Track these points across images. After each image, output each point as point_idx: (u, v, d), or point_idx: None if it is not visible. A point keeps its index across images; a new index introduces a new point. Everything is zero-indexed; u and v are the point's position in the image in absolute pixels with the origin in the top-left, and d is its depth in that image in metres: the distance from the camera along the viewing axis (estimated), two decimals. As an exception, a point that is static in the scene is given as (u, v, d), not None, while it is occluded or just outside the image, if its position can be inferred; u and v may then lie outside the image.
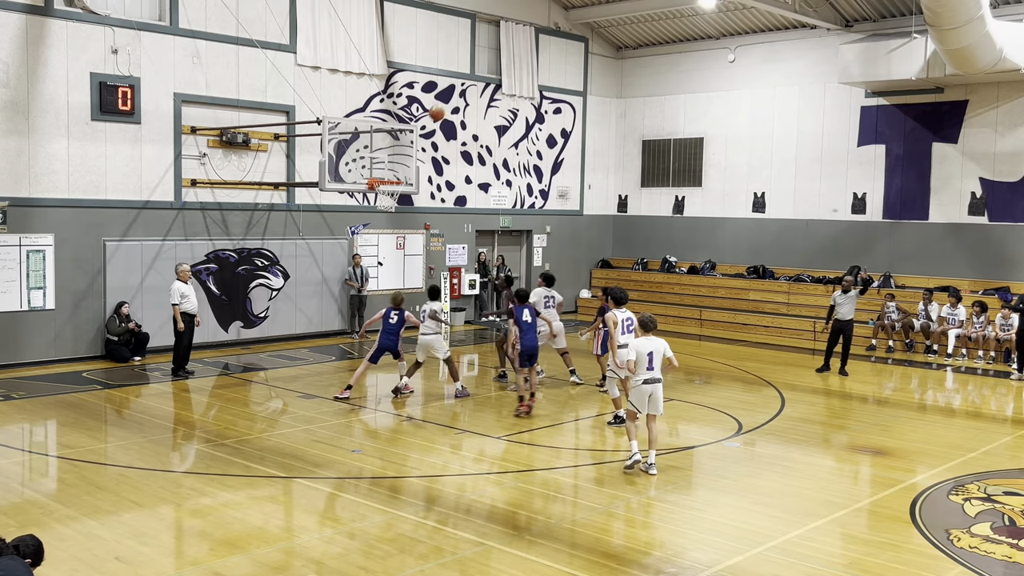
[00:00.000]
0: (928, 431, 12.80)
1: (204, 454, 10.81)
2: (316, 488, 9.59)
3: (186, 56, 17.45)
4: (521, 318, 13.25)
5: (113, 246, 16.76)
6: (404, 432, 12.20)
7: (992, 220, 20.20)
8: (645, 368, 10.28)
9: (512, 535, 8.23)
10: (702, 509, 9.24)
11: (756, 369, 17.33)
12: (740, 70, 23.98)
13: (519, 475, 10.14)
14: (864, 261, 21.79)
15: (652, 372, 10.30)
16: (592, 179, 26.06)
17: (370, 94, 20.47)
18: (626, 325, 11.88)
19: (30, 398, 13.58)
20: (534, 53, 23.82)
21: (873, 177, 21.80)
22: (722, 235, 24.40)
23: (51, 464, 10.60)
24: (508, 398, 14.32)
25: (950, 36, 16.42)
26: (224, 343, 18.23)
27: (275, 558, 7.61)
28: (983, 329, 18.57)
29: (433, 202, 22.05)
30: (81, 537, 7.99)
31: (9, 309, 15.69)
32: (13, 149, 15.60)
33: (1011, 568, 7.78)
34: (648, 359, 10.29)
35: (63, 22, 15.97)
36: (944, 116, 20.72)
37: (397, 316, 14.04)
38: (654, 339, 10.43)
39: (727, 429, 12.45)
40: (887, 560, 7.85)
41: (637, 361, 10.26)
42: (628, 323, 11.90)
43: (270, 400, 14.09)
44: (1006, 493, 9.75)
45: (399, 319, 14.02)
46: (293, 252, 19.27)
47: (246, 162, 18.47)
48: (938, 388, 16.14)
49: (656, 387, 10.31)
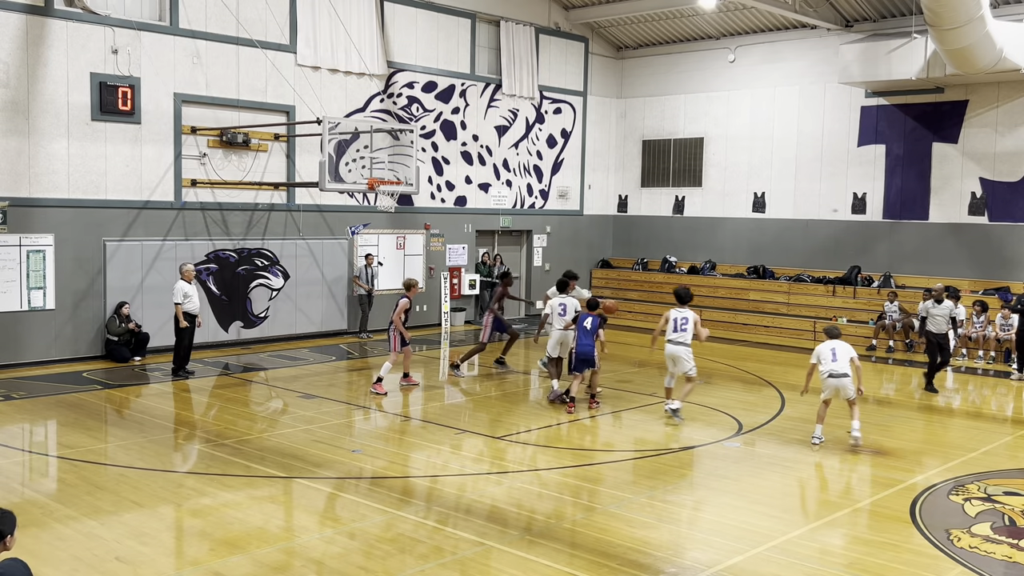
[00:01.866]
0: (928, 431, 12.80)
1: (204, 454, 10.81)
2: (316, 488, 9.59)
3: (186, 56, 17.45)
4: (581, 324, 13.38)
5: (113, 246, 16.76)
6: (403, 432, 12.21)
7: (992, 220, 20.21)
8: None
9: (512, 535, 8.23)
10: (702, 509, 9.24)
11: (756, 369, 17.33)
12: (740, 70, 23.98)
13: (519, 475, 10.14)
14: (864, 261, 21.81)
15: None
16: (592, 179, 26.07)
17: (370, 94, 20.47)
18: (679, 324, 12.59)
19: (30, 398, 13.58)
20: (534, 53, 23.82)
21: (873, 177, 21.81)
22: (722, 235, 24.40)
23: (51, 464, 10.60)
24: (509, 398, 14.33)
25: (950, 36, 16.42)
26: (224, 343, 18.23)
27: (275, 558, 7.61)
28: (983, 329, 18.58)
29: (433, 202, 22.06)
30: (81, 537, 8.00)
31: (9, 309, 15.69)
32: (13, 149, 15.60)
33: (1011, 568, 7.78)
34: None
35: (63, 22, 15.97)
36: (944, 116, 20.72)
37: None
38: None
39: (727, 429, 12.46)
40: (887, 560, 7.85)
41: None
42: (682, 322, 12.58)
43: (270, 400, 14.10)
44: (1006, 493, 9.75)
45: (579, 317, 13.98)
46: (293, 252, 19.27)
47: (246, 162, 18.47)
48: (938, 388, 16.12)
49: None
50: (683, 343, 12.59)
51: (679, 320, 12.62)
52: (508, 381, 15.89)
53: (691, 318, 12.61)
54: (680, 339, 12.59)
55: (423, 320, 21.79)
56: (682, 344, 12.60)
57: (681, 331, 12.57)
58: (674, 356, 12.70)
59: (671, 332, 12.65)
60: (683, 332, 12.56)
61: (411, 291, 14.66)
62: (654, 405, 13.89)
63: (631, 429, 12.59)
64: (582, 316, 13.56)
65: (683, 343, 12.59)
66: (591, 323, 13.37)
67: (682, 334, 12.56)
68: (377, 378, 14.34)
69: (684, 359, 12.63)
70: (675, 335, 12.62)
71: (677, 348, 12.64)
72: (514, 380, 16.17)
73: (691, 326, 12.57)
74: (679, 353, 12.64)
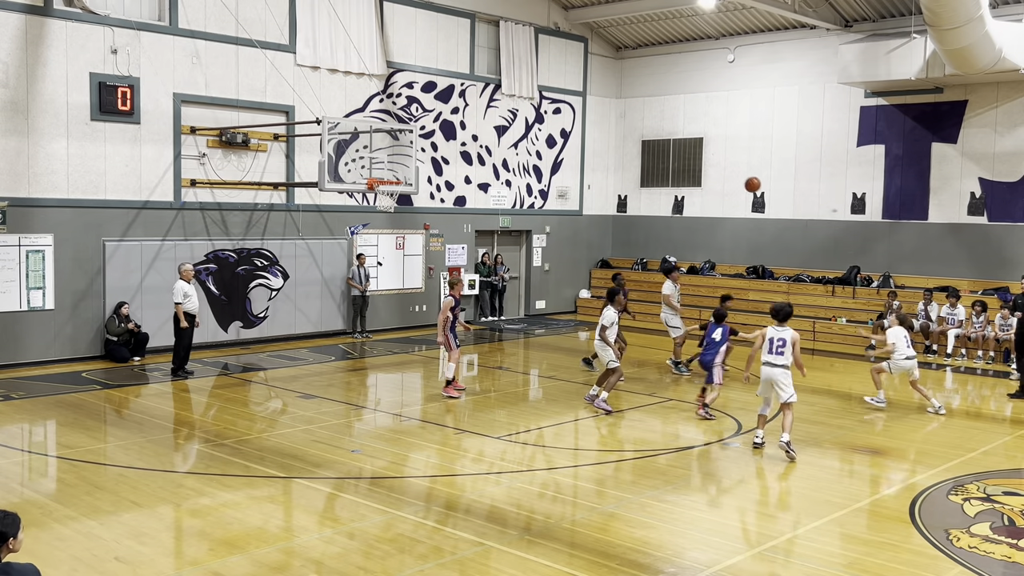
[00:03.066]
0: (928, 431, 12.80)
1: (203, 454, 10.81)
2: (316, 488, 9.59)
3: (186, 56, 17.44)
4: (710, 335, 13.53)
5: (113, 246, 16.75)
6: (403, 432, 12.20)
7: (991, 220, 20.21)
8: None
9: (511, 535, 8.23)
10: (702, 509, 9.24)
11: (755, 369, 17.31)
12: (739, 70, 23.98)
13: (519, 475, 10.14)
14: (863, 261, 21.82)
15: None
16: (592, 179, 26.07)
17: (370, 94, 20.46)
18: (776, 345, 11.28)
19: (30, 398, 13.57)
20: (534, 53, 23.82)
21: (872, 177, 21.81)
22: (721, 235, 24.40)
23: (51, 464, 10.60)
24: (508, 397, 14.33)
25: (949, 36, 16.42)
26: (224, 343, 18.22)
27: (275, 558, 7.61)
28: (983, 329, 18.58)
29: (432, 202, 22.05)
30: (81, 537, 7.99)
31: (9, 309, 15.69)
32: (13, 149, 15.60)
33: (1010, 568, 7.78)
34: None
35: (63, 22, 15.97)
36: (943, 116, 20.73)
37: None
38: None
39: (727, 429, 12.45)
40: (886, 560, 7.85)
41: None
42: (780, 344, 11.27)
43: (269, 400, 14.09)
44: (1005, 493, 9.75)
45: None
46: (292, 252, 19.27)
47: (245, 162, 18.46)
48: (937, 388, 16.13)
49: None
50: (781, 366, 11.25)
51: (776, 340, 11.29)
52: (507, 381, 15.89)
53: (789, 338, 11.24)
54: (777, 361, 11.25)
55: (423, 320, 21.80)
56: (780, 367, 11.25)
57: (778, 353, 11.24)
58: (771, 380, 11.30)
59: (766, 353, 11.32)
60: (780, 355, 11.25)
61: (454, 289, 14.49)
62: (654, 405, 13.89)
63: (631, 429, 12.58)
64: (712, 327, 13.62)
65: (781, 366, 11.25)
66: (721, 334, 13.48)
67: (779, 356, 11.24)
68: (447, 381, 14.19)
69: (782, 384, 11.22)
70: (771, 356, 11.28)
71: (774, 371, 11.27)
72: (514, 379, 16.17)
73: (789, 347, 11.25)
74: (776, 376, 11.24)
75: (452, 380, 14.09)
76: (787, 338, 11.26)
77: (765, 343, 11.38)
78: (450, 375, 14.07)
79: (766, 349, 11.34)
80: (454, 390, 14.07)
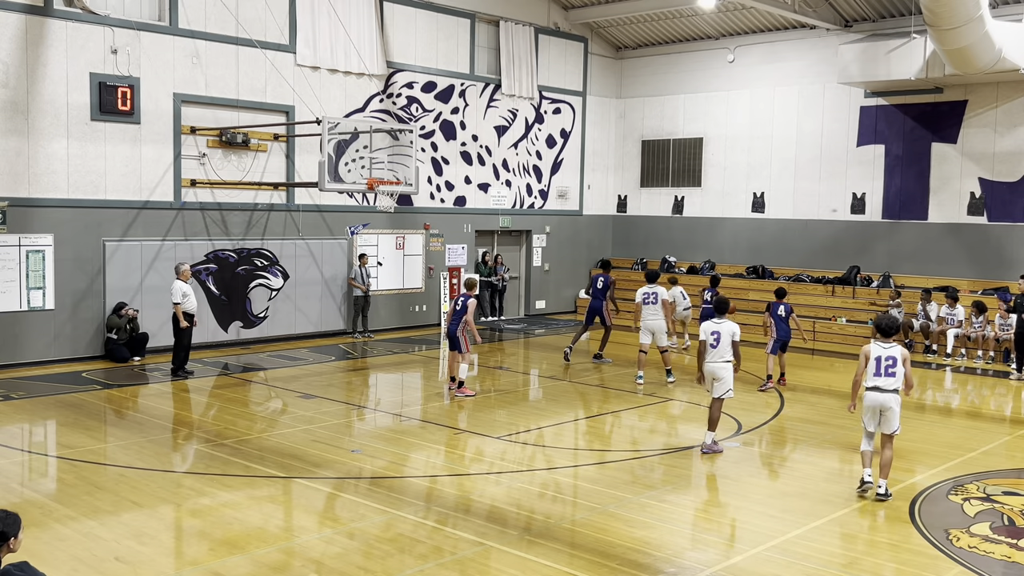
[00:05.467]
0: (927, 431, 12.80)
1: (203, 454, 10.81)
2: (316, 488, 9.59)
3: (186, 56, 17.45)
4: (776, 312, 15.38)
5: (113, 246, 16.75)
6: (403, 432, 12.20)
7: (991, 220, 20.22)
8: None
9: (511, 535, 8.24)
10: (702, 509, 9.24)
11: (755, 369, 17.32)
12: (739, 70, 23.98)
13: (519, 475, 10.15)
14: (863, 261, 21.82)
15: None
16: (591, 179, 26.07)
17: (370, 94, 20.47)
18: (885, 364, 9.31)
19: (30, 398, 13.57)
20: (533, 53, 23.83)
21: (872, 177, 21.82)
22: (721, 235, 24.41)
23: (51, 464, 10.60)
24: (508, 397, 14.34)
25: (949, 36, 16.43)
26: (224, 343, 18.22)
27: (275, 558, 7.61)
28: (982, 329, 18.58)
29: (432, 202, 22.05)
30: (81, 537, 8.00)
31: (9, 309, 15.69)
32: (13, 149, 15.60)
33: (1010, 568, 7.78)
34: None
35: (63, 22, 15.97)
36: (943, 116, 20.74)
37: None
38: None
39: (727, 429, 12.45)
40: (886, 560, 7.85)
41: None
42: (889, 363, 9.30)
43: (269, 400, 14.10)
44: (1005, 493, 9.75)
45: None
46: (293, 252, 19.27)
47: (246, 162, 18.47)
48: (937, 388, 16.14)
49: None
50: (892, 390, 9.31)
51: (885, 360, 9.30)
52: (507, 380, 15.90)
53: (899, 356, 9.30)
54: (888, 385, 9.29)
55: (423, 320, 21.81)
56: (892, 391, 9.31)
57: (888, 375, 9.28)
58: (880, 407, 9.38)
59: (872, 376, 9.35)
60: (890, 377, 9.28)
61: (473, 290, 14.76)
62: (654, 405, 13.89)
63: (631, 429, 12.59)
64: (774, 305, 15.43)
65: (892, 390, 9.31)
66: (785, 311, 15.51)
67: (889, 379, 9.28)
68: (459, 383, 14.25)
69: (892, 412, 9.34)
70: (878, 379, 9.31)
71: (884, 397, 9.31)
72: (514, 379, 16.18)
73: (900, 367, 9.31)
74: (886, 403, 9.33)
75: (463, 381, 14.23)
76: (897, 357, 9.30)
77: (870, 364, 9.36)
78: (463, 376, 14.22)
79: (871, 371, 9.33)
80: (468, 389, 14.27)
